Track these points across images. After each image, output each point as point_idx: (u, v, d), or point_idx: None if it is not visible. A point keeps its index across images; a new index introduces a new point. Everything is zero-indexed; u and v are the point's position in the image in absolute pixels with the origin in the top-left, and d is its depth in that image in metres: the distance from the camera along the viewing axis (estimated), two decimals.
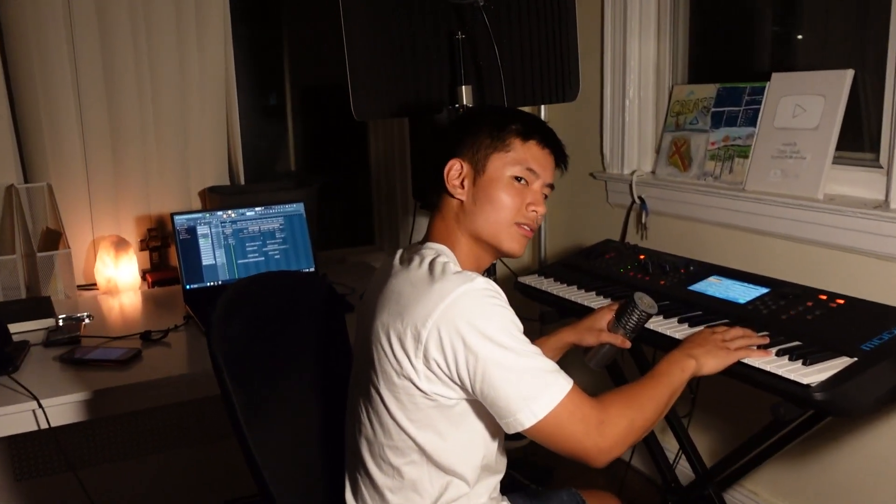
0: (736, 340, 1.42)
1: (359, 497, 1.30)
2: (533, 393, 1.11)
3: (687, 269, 1.88)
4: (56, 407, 1.55)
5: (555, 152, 1.35)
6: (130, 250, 2.39)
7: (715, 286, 1.78)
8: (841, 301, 1.57)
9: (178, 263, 2.14)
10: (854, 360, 1.36)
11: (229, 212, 2.22)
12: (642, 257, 2.02)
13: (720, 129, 2.25)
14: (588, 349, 1.52)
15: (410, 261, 1.24)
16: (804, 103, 2.00)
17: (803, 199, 1.95)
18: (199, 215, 2.19)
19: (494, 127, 1.29)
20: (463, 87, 1.86)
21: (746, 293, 1.71)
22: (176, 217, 2.17)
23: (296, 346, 1.42)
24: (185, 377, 1.70)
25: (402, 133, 2.99)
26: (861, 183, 1.91)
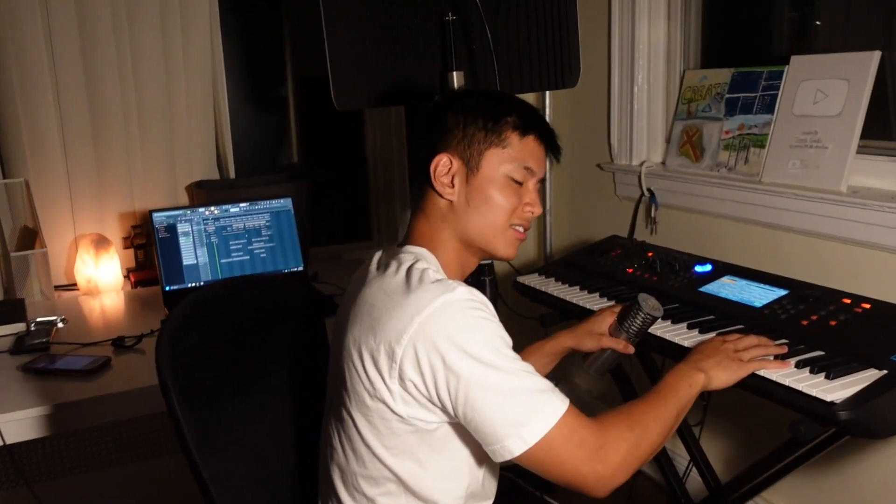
0: (750, 350, 1.29)
1: None
2: (523, 417, 0.99)
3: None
4: (12, 423, 1.44)
5: (550, 146, 1.23)
6: (112, 249, 2.29)
7: (728, 287, 1.65)
8: (867, 305, 1.43)
9: (157, 264, 2.03)
10: (883, 373, 1.23)
11: (212, 208, 2.11)
12: (650, 255, 1.88)
13: (735, 116, 2.10)
14: (588, 354, 1.40)
15: (387, 266, 1.12)
16: (826, 88, 1.85)
17: (824, 192, 1.80)
18: (179, 212, 2.07)
19: (489, 118, 1.15)
20: (454, 73, 1.72)
21: (763, 295, 1.57)
22: (155, 214, 2.05)
23: (267, 361, 1.30)
24: (155, 388, 1.57)
25: (399, 123, 2.86)
26: (888, 174, 1.77)
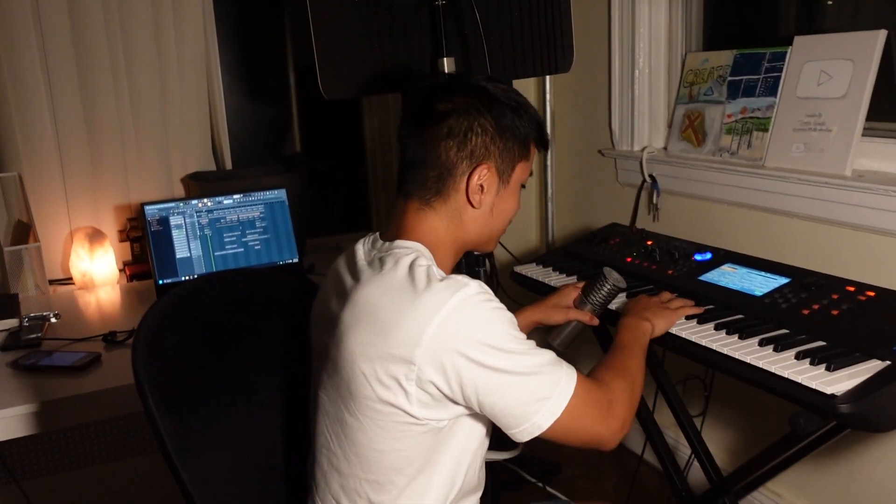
0: (674, 301, 1.46)
1: None
2: (545, 392, 1.03)
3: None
4: (0, 420, 1.42)
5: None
6: (106, 242, 2.27)
7: (729, 276, 1.60)
8: (871, 293, 1.38)
9: (150, 257, 2.00)
10: (886, 363, 1.19)
11: (205, 200, 2.08)
12: (649, 243, 1.84)
13: (737, 99, 2.05)
14: (552, 328, 1.47)
15: (382, 263, 1.07)
16: (830, 69, 1.80)
17: (829, 176, 1.75)
18: (171, 205, 2.05)
19: (525, 134, 1.16)
20: (445, 59, 1.68)
21: (764, 284, 1.53)
22: (147, 207, 2.03)
23: (253, 359, 1.26)
24: None
25: (398, 113, 2.82)
26: (894, 157, 1.71)
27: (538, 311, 1.47)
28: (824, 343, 1.28)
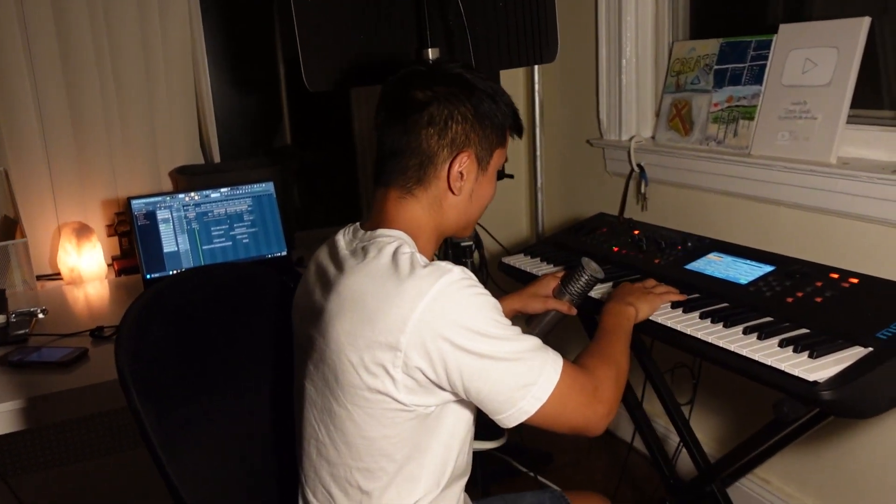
0: (657, 287, 1.48)
1: None
2: (531, 377, 1.03)
3: (685, 246, 1.71)
4: None
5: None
6: (94, 237, 2.26)
7: (715, 264, 1.61)
8: (855, 280, 1.39)
9: (137, 252, 2.00)
10: (868, 350, 1.20)
11: (192, 194, 2.07)
12: (636, 233, 1.85)
13: (723, 88, 2.05)
14: (532, 317, 1.48)
15: (366, 252, 1.08)
16: (815, 57, 1.80)
17: (814, 164, 1.76)
18: (158, 199, 2.04)
19: (503, 121, 1.18)
20: (430, 50, 1.67)
21: (749, 272, 1.53)
22: (133, 201, 2.02)
23: (240, 352, 1.26)
24: None
25: None
26: (879, 144, 1.72)
27: (517, 299, 1.49)
28: (808, 330, 1.29)
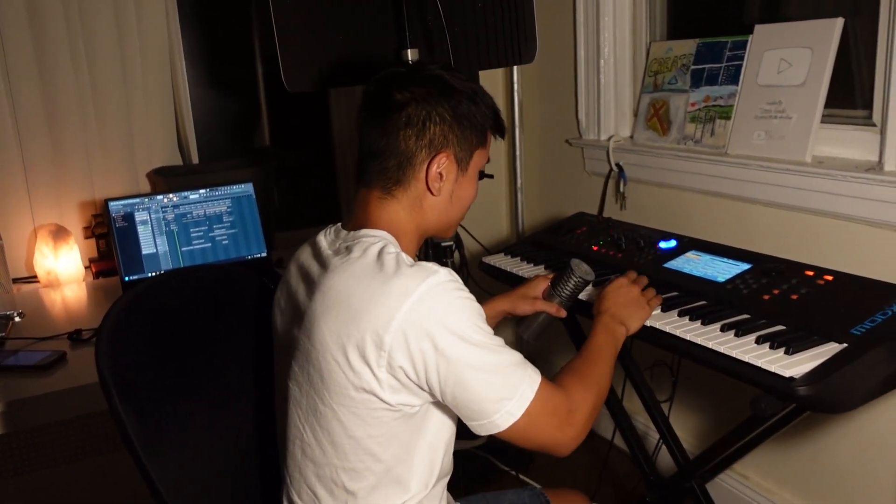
0: (648, 291, 1.44)
1: None
2: (507, 392, 1.03)
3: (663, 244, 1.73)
4: None
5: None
6: (71, 239, 2.23)
7: (692, 263, 1.63)
8: (830, 277, 1.42)
9: (115, 254, 1.98)
10: (843, 346, 1.22)
11: (171, 195, 2.05)
12: (614, 232, 1.86)
13: (700, 88, 2.07)
14: (522, 319, 1.48)
15: (349, 251, 1.08)
16: (790, 57, 1.83)
17: (789, 163, 1.78)
18: (136, 200, 2.02)
19: (483, 121, 1.18)
20: (409, 51, 1.68)
21: (726, 270, 1.55)
22: (111, 203, 2.00)
23: (221, 354, 1.26)
24: None
25: None
26: (852, 143, 1.74)
27: (506, 301, 1.48)
28: (784, 327, 1.31)
